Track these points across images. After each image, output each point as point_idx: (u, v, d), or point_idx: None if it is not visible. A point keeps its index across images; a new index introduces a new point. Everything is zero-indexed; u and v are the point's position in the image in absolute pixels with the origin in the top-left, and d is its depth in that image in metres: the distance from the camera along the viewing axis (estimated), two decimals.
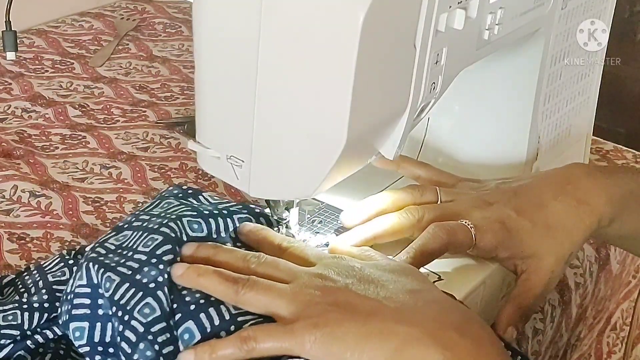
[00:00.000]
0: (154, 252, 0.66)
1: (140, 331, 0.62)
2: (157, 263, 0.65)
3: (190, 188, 0.75)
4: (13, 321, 0.68)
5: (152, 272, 0.64)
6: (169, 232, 0.67)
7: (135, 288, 0.64)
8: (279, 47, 0.61)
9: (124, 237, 0.69)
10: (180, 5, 1.49)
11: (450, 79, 0.71)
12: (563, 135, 0.92)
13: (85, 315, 0.65)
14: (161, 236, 0.67)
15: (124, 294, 0.64)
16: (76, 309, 0.65)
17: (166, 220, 0.68)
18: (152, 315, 0.63)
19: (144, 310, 0.63)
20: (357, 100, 0.61)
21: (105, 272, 0.65)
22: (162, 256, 0.65)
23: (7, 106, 1.15)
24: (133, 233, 0.69)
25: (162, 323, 0.63)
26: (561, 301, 0.91)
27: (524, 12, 0.77)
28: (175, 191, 0.75)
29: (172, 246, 0.66)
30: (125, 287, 0.64)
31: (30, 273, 0.75)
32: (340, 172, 0.68)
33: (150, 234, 0.67)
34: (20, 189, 0.97)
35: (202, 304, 0.63)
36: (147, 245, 0.66)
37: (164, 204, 0.72)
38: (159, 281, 0.64)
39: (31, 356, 0.68)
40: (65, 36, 1.36)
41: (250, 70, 0.63)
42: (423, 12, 0.64)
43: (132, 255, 0.66)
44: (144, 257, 0.65)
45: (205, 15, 0.65)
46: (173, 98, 1.20)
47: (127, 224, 0.70)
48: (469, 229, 0.72)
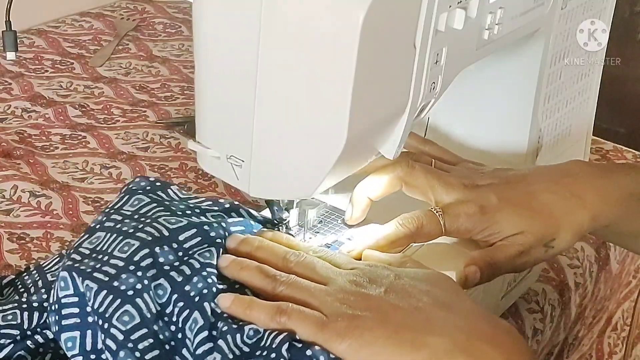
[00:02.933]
0: (131, 258, 0.65)
1: (119, 339, 0.62)
2: (135, 270, 0.64)
3: (158, 180, 0.74)
4: (13, 321, 0.68)
5: (130, 279, 0.64)
6: (145, 236, 0.67)
7: (113, 295, 0.63)
8: (279, 47, 0.61)
9: (97, 240, 0.68)
10: (180, 5, 1.49)
11: (450, 78, 0.71)
12: (563, 135, 0.92)
13: (76, 325, 0.65)
14: (137, 241, 0.66)
15: (102, 302, 0.63)
16: (66, 319, 0.65)
17: (141, 225, 0.68)
18: (131, 322, 0.62)
19: (123, 318, 0.62)
20: (357, 100, 0.61)
21: (84, 280, 0.64)
22: (139, 262, 0.65)
23: (7, 106, 1.15)
24: (106, 235, 0.68)
25: (142, 330, 0.63)
26: (560, 301, 0.91)
27: (524, 12, 0.77)
28: (142, 183, 0.73)
29: (149, 250, 0.66)
30: (103, 294, 0.64)
31: (30, 273, 0.75)
32: (340, 172, 0.68)
33: (126, 238, 0.67)
34: (20, 189, 0.97)
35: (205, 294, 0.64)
36: (123, 250, 0.66)
37: (134, 201, 0.71)
38: (137, 289, 0.64)
39: (31, 356, 0.67)
40: (65, 36, 1.36)
41: (250, 70, 0.63)
42: (423, 12, 0.64)
43: (108, 260, 0.66)
44: (120, 263, 0.65)
45: (205, 15, 0.65)
46: (173, 98, 1.20)
47: (99, 224, 0.70)
48: (437, 215, 0.72)
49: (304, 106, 0.63)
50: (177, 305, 0.64)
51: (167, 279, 0.65)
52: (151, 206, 0.71)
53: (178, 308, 0.64)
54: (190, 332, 0.63)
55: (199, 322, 0.63)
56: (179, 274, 0.65)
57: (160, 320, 0.64)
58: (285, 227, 0.75)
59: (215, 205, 0.72)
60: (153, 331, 0.63)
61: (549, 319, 0.89)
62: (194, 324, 0.63)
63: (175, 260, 0.66)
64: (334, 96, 0.61)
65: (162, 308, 0.64)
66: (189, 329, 0.64)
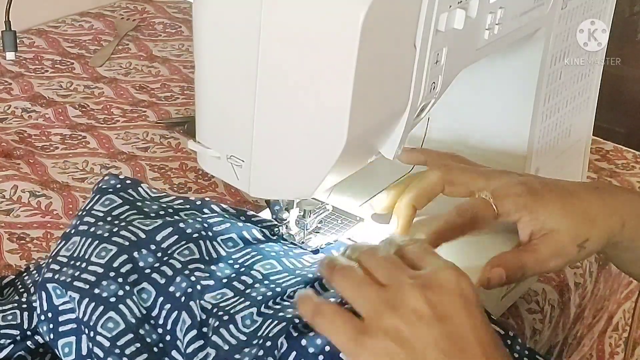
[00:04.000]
0: (110, 264, 0.65)
1: (106, 346, 0.62)
2: (116, 277, 0.64)
3: (127, 178, 0.74)
4: (13, 321, 0.68)
5: (111, 286, 0.64)
6: (122, 241, 0.66)
7: (95, 302, 0.63)
8: (279, 47, 0.61)
9: (73, 245, 0.68)
10: (180, 5, 1.49)
11: (450, 78, 0.71)
12: (563, 135, 0.92)
13: (72, 330, 0.65)
14: (114, 246, 0.66)
15: (86, 310, 0.63)
16: (63, 326, 0.65)
17: (116, 229, 0.67)
18: (116, 329, 0.63)
19: (107, 325, 0.63)
20: (357, 100, 0.61)
21: (66, 292, 0.64)
22: (119, 268, 0.65)
23: (7, 106, 1.15)
24: (81, 239, 0.68)
25: (128, 335, 0.63)
26: (560, 301, 0.91)
27: (524, 12, 0.77)
28: (112, 182, 0.73)
29: (127, 255, 0.66)
30: (85, 302, 0.64)
31: (30, 273, 0.75)
32: (340, 172, 0.68)
33: (102, 242, 0.67)
34: (20, 189, 0.97)
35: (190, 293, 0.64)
36: (100, 256, 0.66)
37: (105, 201, 0.71)
38: (119, 295, 0.64)
39: (31, 356, 0.68)
40: (65, 36, 1.36)
41: (250, 70, 0.63)
42: (423, 12, 0.64)
43: (86, 266, 0.66)
44: (99, 270, 0.65)
45: (205, 15, 0.65)
46: (173, 98, 1.20)
47: (74, 229, 0.70)
48: (488, 200, 0.71)
49: (304, 106, 0.63)
50: (164, 307, 0.64)
51: (150, 282, 0.65)
52: (123, 208, 0.70)
53: (165, 310, 0.64)
54: (181, 333, 0.63)
55: (186, 322, 0.63)
56: (161, 275, 0.65)
57: (146, 323, 0.64)
58: (285, 227, 0.75)
59: (187, 203, 0.72)
60: (139, 335, 0.63)
61: (548, 319, 0.89)
62: (182, 324, 0.63)
63: (155, 262, 0.66)
64: (334, 96, 0.61)
65: (148, 311, 0.64)
66: (180, 330, 0.64)
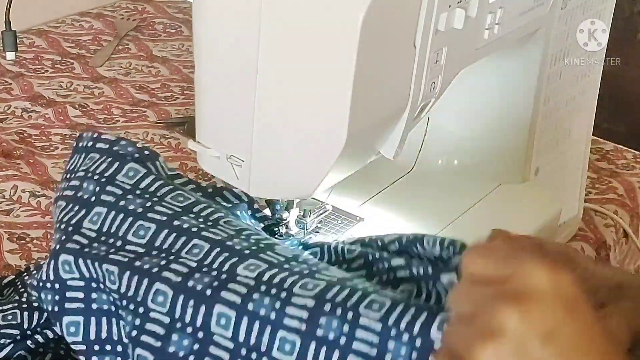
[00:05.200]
0: (152, 243, 0.63)
1: (166, 322, 0.60)
2: (159, 253, 0.62)
3: (145, 148, 0.70)
4: (13, 321, 0.68)
5: (153, 259, 0.62)
6: (159, 217, 0.65)
7: (139, 275, 0.61)
8: (278, 47, 0.61)
9: (98, 217, 0.66)
10: (180, 5, 1.49)
11: (450, 78, 0.71)
12: (563, 135, 0.92)
13: (80, 310, 0.64)
14: (152, 223, 0.64)
15: (129, 284, 0.61)
16: (70, 303, 0.64)
17: (149, 204, 0.65)
18: (167, 300, 0.60)
19: (157, 299, 0.60)
20: (357, 100, 0.61)
21: (102, 264, 0.62)
22: (162, 245, 0.63)
23: (7, 106, 1.15)
24: (109, 212, 0.65)
25: (180, 298, 0.60)
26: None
27: (524, 12, 0.77)
28: (130, 149, 0.69)
29: (168, 229, 0.64)
30: (127, 275, 0.61)
31: (30, 273, 0.75)
32: (340, 171, 0.68)
33: (137, 219, 0.64)
34: (20, 189, 0.97)
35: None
36: (139, 235, 0.64)
37: (129, 171, 0.68)
38: (161, 265, 0.61)
39: (31, 356, 0.68)
40: (65, 36, 1.36)
41: (250, 70, 0.63)
42: (423, 12, 0.64)
43: (123, 245, 0.64)
44: (141, 250, 0.63)
45: (205, 15, 0.65)
46: (173, 98, 1.20)
47: (94, 195, 0.66)
48: None
49: (303, 106, 0.63)
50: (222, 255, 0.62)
51: (200, 238, 0.63)
52: (149, 179, 0.68)
53: (223, 257, 0.62)
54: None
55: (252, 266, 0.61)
56: (213, 234, 0.63)
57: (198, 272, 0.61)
58: (285, 227, 0.75)
59: (200, 190, 0.71)
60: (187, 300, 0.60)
61: None
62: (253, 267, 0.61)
63: (200, 224, 0.64)
64: (334, 96, 0.61)
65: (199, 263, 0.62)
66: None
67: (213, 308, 0.59)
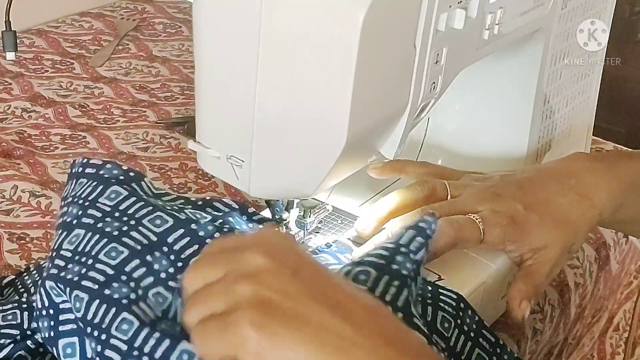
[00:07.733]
0: (121, 268, 0.63)
1: (123, 349, 0.59)
2: (128, 281, 0.63)
3: (131, 170, 0.71)
4: (13, 321, 0.68)
5: (123, 289, 0.62)
6: (133, 244, 0.65)
7: (107, 304, 0.61)
8: (278, 47, 0.61)
9: (76, 238, 0.66)
10: (180, 5, 1.49)
11: (450, 78, 0.71)
12: (563, 135, 0.92)
13: (74, 331, 0.63)
14: (125, 249, 0.64)
15: (97, 312, 0.61)
16: (63, 325, 0.64)
17: (126, 227, 0.65)
18: (131, 329, 0.60)
19: (122, 327, 0.60)
20: (357, 100, 0.61)
21: (72, 291, 0.62)
22: (131, 273, 0.63)
23: (7, 106, 1.15)
24: (86, 234, 0.65)
25: (144, 330, 0.60)
26: (560, 301, 0.91)
27: (524, 12, 0.77)
28: (115, 171, 0.69)
29: (140, 260, 0.64)
30: (96, 304, 0.61)
31: (30, 273, 0.75)
32: (340, 172, 0.68)
33: (111, 241, 0.64)
34: (20, 189, 0.97)
35: None
36: (110, 256, 0.64)
37: (111, 194, 0.68)
38: (132, 298, 0.61)
39: (31, 356, 0.67)
40: (65, 36, 1.36)
41: (250, 70, 0.63)
42: (423, 12, 0.64)
43: (93, 264, 0.63)
44: (110, 271, 0.63)
45: (205, 16, 0.65)
46: (173, 98, 1.20)
47: (75, 219, 0.67)
48: (478, 223, 0.72)
49: (304, 106, 0.63)
50: None
51: (165, 287, 0.63)
52: (130, 201, 0.68)
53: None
54: None
55: None
56: (176, 282, 0.63)
57: (163, 322, 0.62)
58: (285, 227, 0.75)
59: (189, 204, 0.71)
60: (154, 326, 0.60)
61: (548, 319, 0.89)
62: None
63: (169, 267, 0.64)
64: (334, 96, 0.61)
65: (166, 311, 0.62)
66: None
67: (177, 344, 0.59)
